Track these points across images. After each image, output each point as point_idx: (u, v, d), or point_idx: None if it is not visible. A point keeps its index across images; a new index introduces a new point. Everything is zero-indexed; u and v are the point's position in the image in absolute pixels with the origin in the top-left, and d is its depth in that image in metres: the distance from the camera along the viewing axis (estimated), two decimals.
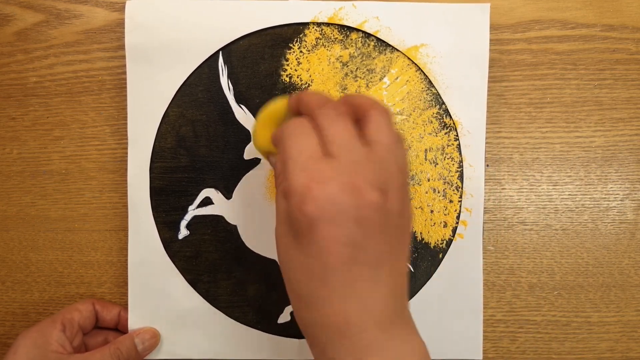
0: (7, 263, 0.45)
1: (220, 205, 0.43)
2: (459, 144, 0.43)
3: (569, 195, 0.44)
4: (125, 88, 0.42)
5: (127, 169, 0.43)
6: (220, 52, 0.42)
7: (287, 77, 0.43)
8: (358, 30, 0.43)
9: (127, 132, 0.43)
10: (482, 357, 0.43)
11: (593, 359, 0.45)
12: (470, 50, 0.42)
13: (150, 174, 0.43)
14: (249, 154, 0.43)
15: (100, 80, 0.44)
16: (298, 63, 0.43)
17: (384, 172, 0.28)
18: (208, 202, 0.43)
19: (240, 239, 0.43)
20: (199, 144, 0.43)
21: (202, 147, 0.43)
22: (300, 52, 0.42)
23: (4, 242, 0.45)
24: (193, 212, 0.43)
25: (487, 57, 0.42)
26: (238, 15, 0.42)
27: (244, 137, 0.43)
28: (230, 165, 0.43)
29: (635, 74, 0.44)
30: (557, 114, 0.44)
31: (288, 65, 0.43)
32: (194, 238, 0.43)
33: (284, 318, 0.44)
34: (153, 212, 0.43)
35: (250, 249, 0.43)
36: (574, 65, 0.44)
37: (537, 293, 0.45)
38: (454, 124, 0.43)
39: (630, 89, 0.44)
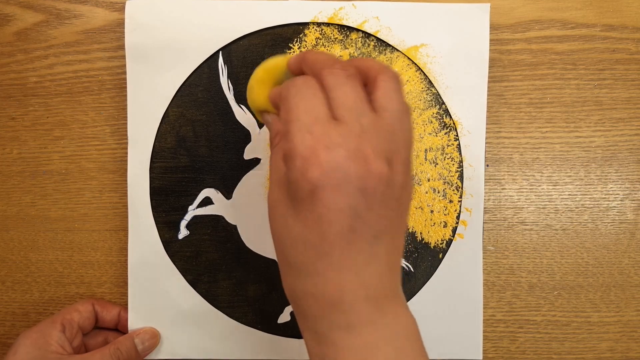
0: (7, 263, 0.45)
1: (220, 205, 0.43)
2: (459, 144, 0.43)
3: (569, 195, 0.44)
4: (125, 88, 0.42)
5: (127, 169, 0.43)
6: (220, 52, 0.42)
7: None
8: (358, 30, 0.43)
9: (127, 132, 0.43)
10: (482, 357, 0.43)
11: (593, 359, 0.45)
12: (471, 50, 0.42)
13: (150, 174, 0.43)
14: (249, 154, 0.43)
15: (100, 80, 0.44)
16: None
17: (392, 141, 0.27)
18: (208, 202, 0.43)
19: (240, 239, 0.43)
20: (199, 144, 0.43)
21: (202, 147, 0.43)
22: (300, 52, 0.42)
23: (4, 242, 0.45)
24: (193, 212, 0.43)
25: (487, 57, 0.42)
26: (238, 15, 0.42)
27: (244, 137, 0.43)
28: (230, 165, 0.43)
29: (635, 74, 0.44)
30: (557, 114, 0.44)
31: None
32: (194, 238, 0.43)
33: (284, 318, 0.44)
34: (153, 212, 0.43)
35: (250, 249, 0.43)
36: (574, 65, 0.44)
37: (537, 293, 0.45)
38: (454, 124, 0.43)
39: (630, 89, 0.44)
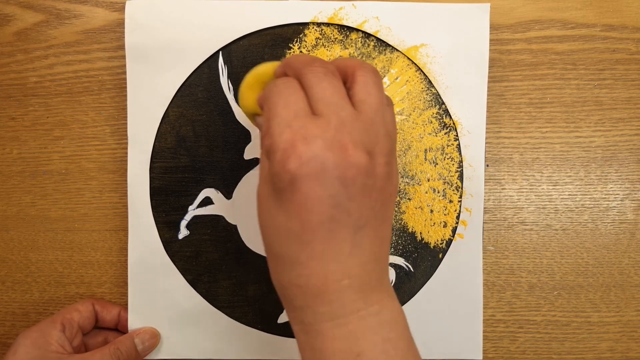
0: (7, 263, 0.45)
1: (220, 205, 0.43)
2: (459, 144, 0.43)
3: (569, 195, 0.44)
4: (125, 88, 0.42)
5: (127, 169, 0.43)
6: (220, 52, 0.42)
7: None
8: (358, 31, 0.43)
9: (127, 132, 0.43)
10: (482, 357, 0.43)
11: (593, 359, 0.45)
12: (470, 50, 0.42)
13: (150, 174, 0.43)
14: (249, 154, 0.43)
15: (100, 80, 0.44)
16: None
17: (372, 133, 0.28)
18: (208, 202, 0.43)
19: (240, 239, 0.43)
20: (199, 144, 0.43)
21: (202, 147, 0.43)
22: (300, 52, 0.42)
23: (4, 242, 0.45)
24: (193, 212, 0.43)
25: (487, 57, 0.42)
26: (238, 15, 0.42)
27: (244, 137, 0.43)
28: (230, 165, 0.43)
29: (635, 74, 0.44)
30: (557, 114, 0.44)
31: None
32: (194, 238, 0.43)
33: (284, 318, 0.44)
34: (153, 212, 0.43)
35: (250, 249, 0.43)
36: (574, 65, 0.44)
37: (537, 293, 0.45)
38: (454, 124, 0.43)
39: (630, 89, 0.44)
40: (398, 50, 0.43)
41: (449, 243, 0.43)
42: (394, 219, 0.43)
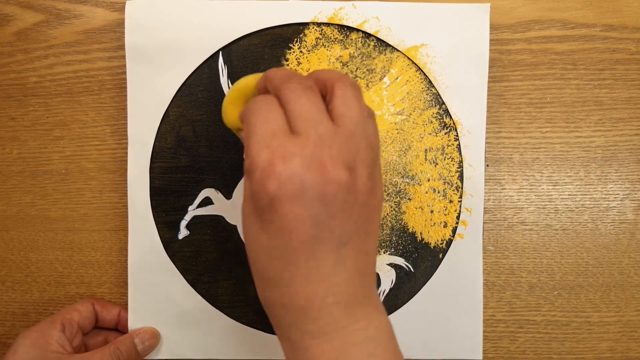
0: (7, 263, 0.45)
1: (220, 205, 0.43)
2: (459, 144, 0.43)
3: (569, 195, 0.44)
4: (125, 88, 0.42)
5: (127, 169, 0.43)
6: (220, 52, 0.42)
7: None
8: (358, 30, 0.42)
9: (127, 132, 0.43)
10: (482, 357, 0.43)
11: (593, 359, 0.45)
12: (470, 50, 0.42)
13: (150, 174, 0.43)
14: None
15: (100, 80, 0.44)
16: (298, 63, 0.43)
17: (352, 148, 0.27)
18: (208, 202, 0.43)
19: (240, 239, 0.43)
20: (199, 144, 0.43)
21: (202, 147, 0.43)
22: (300, 52, 0.42)
23: (4, 242, 0.45)
24: (193, 212, 0.43)
25: (487, 57, 0.42)
26: (238, 15, 0.42)
27: None
28: (230, 165, 0.43)
29: (635, 74, 0.44)
30: (557, 114, 0.44)
31: (288, 66, 0.43)
32: (194, 238, 0.43)
33: None
34: (153, 212, 0.43)
35: None
36: (574, 65, 0.44)
37: (537, 293, 0.45)
38: (454, 124, 0.43)
39: (630, 89, 0.44)
40: (398, 50, 0.43)
41: (449, 243, 0.43)
42: (394, 219, 0.43)
